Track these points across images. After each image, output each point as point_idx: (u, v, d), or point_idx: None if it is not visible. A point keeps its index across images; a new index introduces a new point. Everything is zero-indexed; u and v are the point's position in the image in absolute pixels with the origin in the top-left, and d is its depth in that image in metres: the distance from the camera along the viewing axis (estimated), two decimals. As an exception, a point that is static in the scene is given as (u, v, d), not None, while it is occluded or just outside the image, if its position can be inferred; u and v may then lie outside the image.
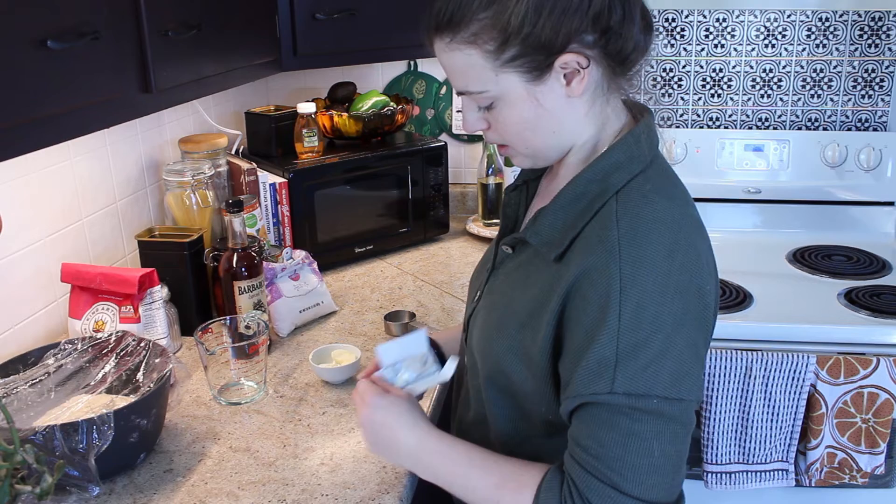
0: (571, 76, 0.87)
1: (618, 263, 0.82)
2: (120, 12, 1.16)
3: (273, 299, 1.60)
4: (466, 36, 0.86)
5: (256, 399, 1.38)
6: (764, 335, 1.72)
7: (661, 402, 0.81)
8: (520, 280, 0.96)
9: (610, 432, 0.82)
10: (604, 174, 0.90)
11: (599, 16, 0.85)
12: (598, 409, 0.83)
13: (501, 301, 0.97)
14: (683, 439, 0.85)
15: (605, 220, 0.86)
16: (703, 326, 0.87)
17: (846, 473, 1.71)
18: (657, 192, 0.88)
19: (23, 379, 1.20)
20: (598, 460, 0.83)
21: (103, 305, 1.41)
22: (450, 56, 0.90)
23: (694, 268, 0.85)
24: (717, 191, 2.24)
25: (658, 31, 2.27)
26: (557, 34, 0.84)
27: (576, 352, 0.84)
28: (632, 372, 0.80)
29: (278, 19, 1.74)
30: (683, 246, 0.85)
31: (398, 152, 2.02)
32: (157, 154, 1.85)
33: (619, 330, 0.81)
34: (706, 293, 0.86)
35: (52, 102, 1.01)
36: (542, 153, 0.95)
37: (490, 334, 0.97)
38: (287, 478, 1.16)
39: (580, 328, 0.84)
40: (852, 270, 1.99)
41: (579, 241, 0.88)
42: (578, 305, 0.85)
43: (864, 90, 2.26)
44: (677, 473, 0.85)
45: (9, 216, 1.35)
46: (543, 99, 0.89)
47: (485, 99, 0.91)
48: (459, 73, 0.90)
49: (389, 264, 2.01)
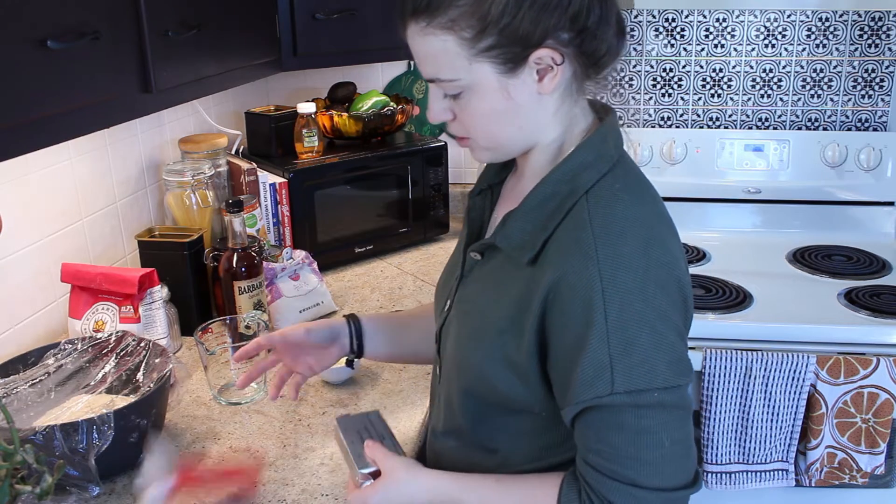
0: (544, 72, 0.87)
1: (596, 265, 0.82)
2: (120, 12, 1.16)
3: (273, 299, 1.61)
4: (444, 21, 0.85)
5: (256, 399, 1.38)
6: (764, 335, 1.72)
7: (661, 393, 0.81)
8: (492, 287, 0.94)
9: (619, 433, 0.82)
10: (572, 174, 0.89)
11: (578, 15, 0.84)
12: (602, 412, 0.83)
13: (475, 309, 0.96)
14: (688, 421, 0.86)
15: (577, 220, 0.86)
16: (686, 317, 0.89)
17: (846, 473, 1.71)
18: (626, 191, 0.88)
19: (23, 379, 1.20)
20: (612, 462, 0.83)
21: (103, 305, 1.41)
22: (423, 41, 0.88)
23: (670, 262, 0.85)
24: (717, 191, 2.24)
25: (658, 31, 2.27)
26: (535, 28, 0.84)
27: (567, 358, 0.84)
28: (628, 370, 0.81)
29: (278, 19, 1.74)
30: (657, 241, 0.85)
31: (398, 152, 2.02)
32: (157, 154, 1.85)
33: (607, 331, 0.81)
34: (684, 285, 0.88)
35: (52, 102, 1.01)
36: (504, 147, 0.94)
37: (466, 344, 0.96)
38: (287, 478, 1.16)
39: (567, 333, 0.84)
40: (852, 270, 1.99)
41: (552, 242, 0.87)
42: (561, 310, 0.84)
43: (864, 90, 2.26)
44: (689, 454, 0.86)
45: (9, 216, 1.35)
46: (514, 92, 0.88)
47: (454, 87, 0.89)
48: (431, 59, 0.89)
49: (389, 264, 2.01)
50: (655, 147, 2.24)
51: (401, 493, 0.94)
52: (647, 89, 2.33)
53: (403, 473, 0.95)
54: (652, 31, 2.28)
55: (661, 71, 2.31)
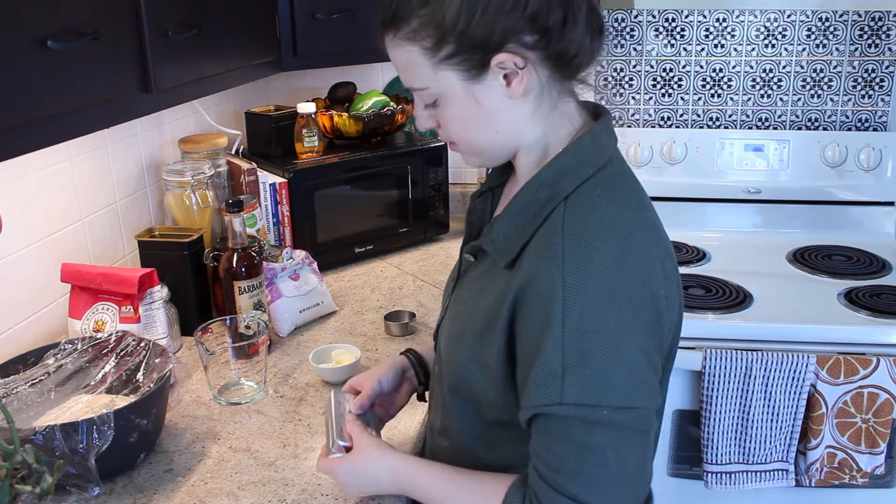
0: (511, 77, 0.87)
1: (560, 271, 0.81)
2: (120, 12, 1.16)
3: (273, 299, 1.60)
4: (407, 32, 0.87)
5: (256, 399, 1.38)
6: (764, 335, 1.72)
7: (612, 411, 0.79)
8: (478, 289, 0.95)
9: (564, 444, 0.82)
10: (553, 180, 0.88)
11: (537, 16, 0.84)
12: (550, 420, 0.82)
13: (464, 311, 0.97)
14: (642, 445, 0.84)
15: (552, 226, 0.85)
16: (657, 333, 0.85)
17: (846, 473, 1.71)
18: (607, 197, 0.86)
19: (23, 379, 1.20)
20: (556, 473, 0.82)
21: (103, 305, 1.41)
22: (394, 52, 0.90)
23: (646, 273, 0.83)
24: (717, 191, 2.24)
25: (658, 31, 2.27)
26: (492, 33, 0.84)
27: (526, 361, 0.84)
28: (580, 382, 0.79)
29: (278, 19, 1.75)
30: (634, 251, 0.83)
31: (398, 152, 2.02)
32: (157, 154, 1.85)
33: (563, 339, 0.79)
34: (659, 298, 0.84)
35: (52, 102, 1.01)
36: (487, 153, 0.95)
37: (452, 344, 0.97)
38: (287, 478, 1.16)
39: (528, 337, 0.83)
40: (852, 270, 1.99)
41: (529, 247, 0.87)
42: (525, 314, 0.84)
43: (864, 90, 2.26)
44: (640, 478, 0.85)
45: (9, 216, 1.35)
46: (482, 98, 0.88)
47: (428, 96, 0.90)
48: (403, 69, 0.91)
49: (389, 264, 2.01)
50: (655, 147, 2.24)
51: (367, 469, 0.99)
52: (647, 89, 2.33)
53: (374, 451, 1.00)
54: (652, 31, 2.28)
55: (661, 71, 2.31)
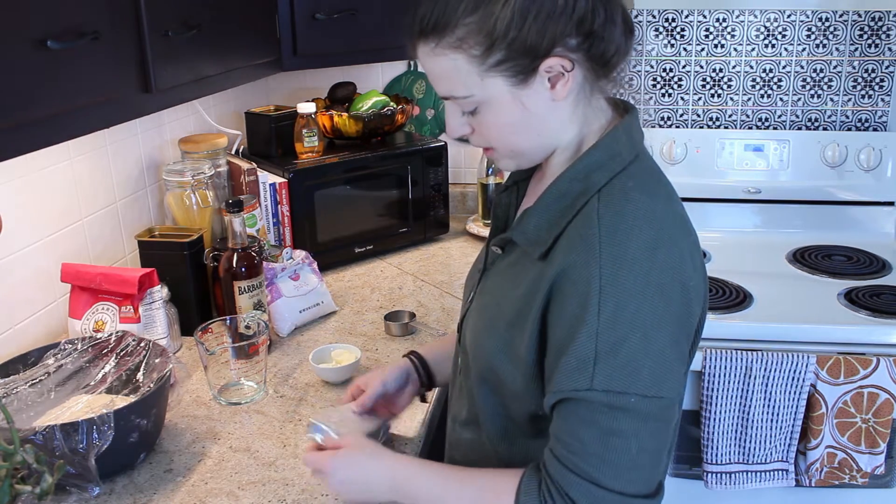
0: (556, 80, 0.88)
1: (598, 262, 0.82)
2: (120, 12, 1.16)
3: (273, 299, 1.60)
4: (452, 41, 0.86)
5: (256, 399, 1.38)
6: (764, 335, 1.72)
7: (639, 399, 0.81)
8: (509, 280, 0.96)
9: (589, 429, 0.83)
10: (585, 173, 0.90)
11: (583, 19, 0.85)
12: (577, 405, 0.83)
13: (492, 301, 0.98)
14: (664, 435, 0.85)
15: (586, 218, 0.87)
16: (687, 324, 0.87)
17: (846, 473, 1.71)
18: (639, 190, 0.88)
19: (23, 379, 1.20)
20: (577, 456, 0.83)
21: (103, 305, 1.41)
22: (434, 61, 0.90)
23: (677, 265, 0.85)
24: (717, 191, 2.24)
25: (658, 31, 2.27)
26: (542, 38, 0.84)
27: (557, 349, 0.85)
28: (611, 369, 0.81)
29: (278, 19, 1.74)
30: (666, 243, 0.85)
31: (398, 152, 2.02)
32: (157, 154, 1.85)
33: (598, 328, 0.81)
34: (690, 289, 0.86)
35: (52, 102, 1.01)
36: (527, 155, 0.96)
37: (481, 334, 0.98)
38: (287, 478, 1.16)
39: (561, 325, 0.85)
40: (852, 270, 1.99)
41: (563, 239, 0.88)
42: (560, 302, 0.85)
43: (864, 90, 2.26)
44: (657, 466, 0.86)
45: (9, 216, 1.35)
46: (528, 102, 0.89)
47: (469, 104, 0.91)
48: (444, 79, 0.90)
49: (389, 264, 2.01)
50: (655, 147, 2.24)
51: (361, 467, 0.97)
52: (647, 89, 2.33)
53: (370, 447, 0.99)
54: (652, 31, 2.28)
55: (661, 71, 2.31)
